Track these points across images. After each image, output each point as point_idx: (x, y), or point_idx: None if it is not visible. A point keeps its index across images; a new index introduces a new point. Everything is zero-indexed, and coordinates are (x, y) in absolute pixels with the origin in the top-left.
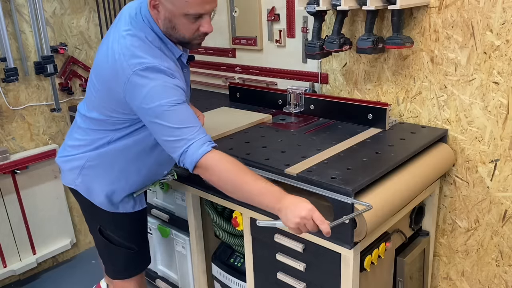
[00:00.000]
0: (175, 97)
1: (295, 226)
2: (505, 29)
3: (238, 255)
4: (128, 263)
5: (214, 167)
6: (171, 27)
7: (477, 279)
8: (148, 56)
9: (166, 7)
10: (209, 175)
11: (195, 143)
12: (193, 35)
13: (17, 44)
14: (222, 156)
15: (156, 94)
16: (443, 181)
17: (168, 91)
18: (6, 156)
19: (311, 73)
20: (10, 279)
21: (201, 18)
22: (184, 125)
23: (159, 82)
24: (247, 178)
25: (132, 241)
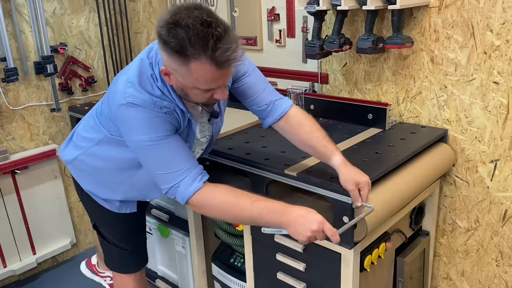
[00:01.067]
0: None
1: (306, 240)
2: (505, 29)
3: (238, 255)
4: (122, 261)
5: (208, 204)
6: (183, 94)
7: (477, 279)
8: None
9: (177, 79)
10: (205, 211)
11: (185, 179)
12: (207, 101)
13: (17, 44)
14: (214, 190)
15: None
16: (443, 181)
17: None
18: (6, 156)
19: (311, 73)
20: (10, 279)
21: (214, 90)
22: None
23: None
24: (243, 205)
25: (124, 242)
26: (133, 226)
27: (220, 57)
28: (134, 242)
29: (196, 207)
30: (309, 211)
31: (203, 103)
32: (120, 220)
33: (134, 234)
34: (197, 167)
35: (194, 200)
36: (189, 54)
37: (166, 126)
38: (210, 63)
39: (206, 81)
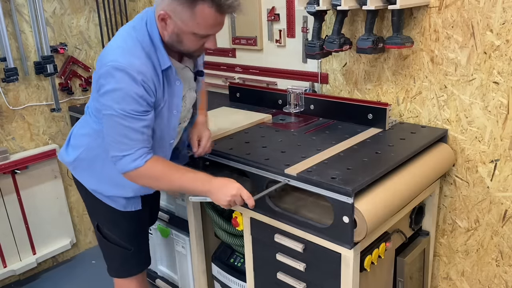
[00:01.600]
0: (130, 107)
1: (227, 203)
2: (505, 29)
3: (238, 255)
4: (124, 262)
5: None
6: (177, 41)
7: (477, 279)
8: (127, 55)
9: (176, 23)
10: (139, 183)
11: (131, 155)
12: (197, 49)
13: (17, 44)
14: (150, 166)
15: (114, 96)
16: (443, 181)
17: (126, 99)
18: (6, 156)
19: (311, 73)
20: (10, 279)
21: (208, 37)
22: (123, 138)
23: (123, 86)
24: (174, 177)
25: (128, 241)
26: (138, 225)
27: (225, 1)
28: (138, 242)
29: (132, 179)
30: (229, 180)
31: (194, 51)
32: (125, 219)
33: (138, 234)
34: (145, 148)
35: (132, 174)
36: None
37: (144, 104)
38: (215, 8)
39: (206, 26)
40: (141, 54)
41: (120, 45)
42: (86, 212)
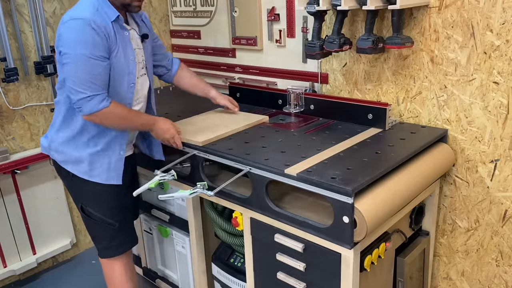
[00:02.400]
0: (89, 50)
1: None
2: (505, 29)
3: (238, 255)
4: (112, 239)
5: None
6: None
7: (477, 279)
8: (80, 11)
9: None
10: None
11: (98, 96)
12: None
13: (17, 44)
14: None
15: (73, 43)
16: (443, 181)
17: (84, 44)
18: (6, 156)
19: (311, 73)
20: (10, 279)
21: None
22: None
23: (79, 32)
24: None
25: (111, 217)
26: (119, 200)
27: None
28: (121, 217)
29: (100, 119)
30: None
31: (128, 2)
32: (106, 194)
33: (120, 209)
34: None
35: (100, 113)
36: None
37: (101, 48)
38: None
39: None
40: (91, 9)
41: (73, 9)
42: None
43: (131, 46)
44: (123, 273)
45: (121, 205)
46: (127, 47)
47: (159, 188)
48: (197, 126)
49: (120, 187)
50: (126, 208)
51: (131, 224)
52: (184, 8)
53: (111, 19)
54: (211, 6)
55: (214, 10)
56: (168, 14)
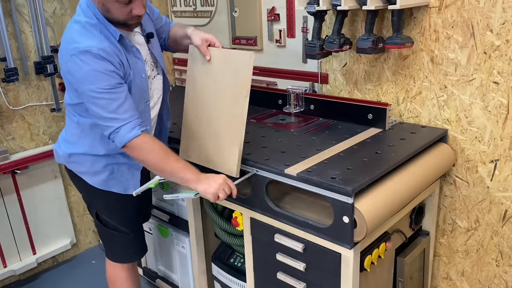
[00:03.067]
0: (106, 83)
1: (216, 192)
2: (505, 29)
3: (238, 255)
4: (125, 248)
5: (142, 149)
6: (105, 10)
7: (477, 279)
8: (85, 39)
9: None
10: (136, 155)
11: (126, 125)
12: (126, 17)
13: (17, 44)
14: (151, 140)
15: (88, 78)
16: (443, 181)
17: (99, 77)
18: (6, 156)
19: (311, 73)
20: (10, 279)
21: (132, 3)
22: (112, 113)
23: (91, 66)
24: (171, 158)
25: (126, 226)
26: (135, 209)
27: None
28: (135, 227)
29: (132, 150)
30: (213, 174)
31: (125, 19)
32: (122, 203)
33: (135, 219)
34: (138, 119)
35: (131, 144)
36: None
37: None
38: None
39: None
40: (95, 34)
41: (73, 35)
42: (86, 212)
43: (142, 60)
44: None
45: (136, 214)
46: (138, 64)
47: (159, 188)
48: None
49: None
50: (140, 215)
51: (143, 233)
52: (184, 8)
53: (116, 39)
54: (211, 6)
55: (214, 10)
56: (168, 14)
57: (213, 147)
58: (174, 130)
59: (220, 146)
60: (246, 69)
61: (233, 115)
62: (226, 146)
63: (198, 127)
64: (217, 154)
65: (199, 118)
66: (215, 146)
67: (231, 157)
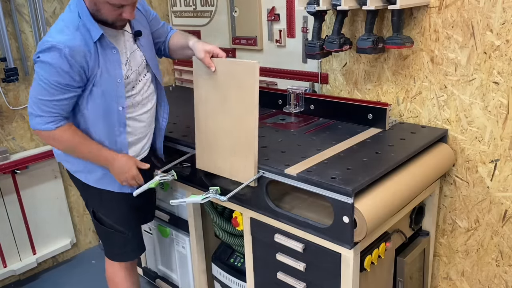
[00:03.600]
0: (54, 78)
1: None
2: (505, 29)
3: (238, 255)
4: (122, 246)
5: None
6: (96, 10)
7: (477, 279)
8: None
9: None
10: (52, 144)
11: (46, 117)
12: (115, 19)
13: (17, 44)
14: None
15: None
16: (443, 181)
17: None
18: (6, 156)
19: (311, 73)
20: (10, 279)
21: (123, 7)
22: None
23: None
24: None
25: (122, 225)
26: (132, 208)
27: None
28: (132, 226)
29: (42, 138)
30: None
31: (113, 21)
32: (119, 201)
33: (133, 217)
34: (60, 116)
35: (41, 133)
36: None
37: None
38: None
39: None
40: (71, 31)
41: (54, 27)
42: (86, 212)
43: (119, 65)
44: (125, 276)
45: (133, 213)
46: (114, 68)
47: (160, 188)
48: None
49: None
50: (138, 215)
51: (141, 231)
52: (184, 8)
53: (94, 39)
54: (211, 6)
55: (214, 10)
56: (168, 14)
57: (227, 159)
58: (173, 130)
59: (234, 159)
60: (252, 80)
61: (244, 127)
62: (240, 158)
63: (210, 139)
64: (232, 166)
65: (209, 130)
66: (228, 158)
67: (247, 170)
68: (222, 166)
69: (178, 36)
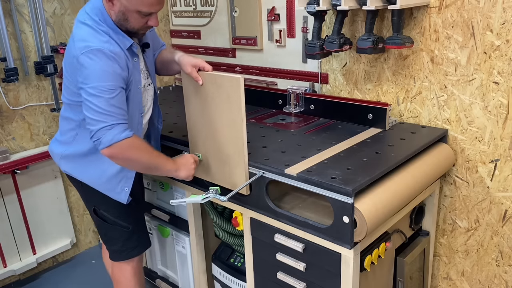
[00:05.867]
0: (111, 83)
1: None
2: (505, 29)
3: (238, 255)
4: (125, 242)
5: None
6: (123, 19)
7: (477, 279)
8: (95, 40)
9: (122, 2)
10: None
11: (120, 125)
12: (141, 27)
13: (17, 44)
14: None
15: (95, 75)
16: (443, 181)
17: (106, 76)
18: (6, 156)
19: (311, 73)
20: (10, 279)
21: (151, 15)
22: (111, 109)
23: (100, 64)
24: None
25: (125, 220)
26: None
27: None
28: (134, 220)
29: (120, 150)
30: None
31: (138, 29)
32: None
33: (134, 211)
34: (127, 123)
35: (121, 144)
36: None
37: (121, 79)
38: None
39: (148, 4)
40: (106, 37)
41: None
42: (86, 212)
43: (139, 72)
44: (132, 277)
45: (134, 207)
46: (137, 75)
47: (160, 187)
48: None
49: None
50: (139, 208)
51: (145, 226)
52: (184, 8)
53: (126, 47)
54: (211, 6)
55: (214, 10)
56: (168, 14)
57: (219, 168)
58: (173, 130)
59: (226, 167)
60: (237, 93)
61: (233, 137)
62: (231, 167)
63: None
64: (224, 174)
65: (201, 140)
66: (221, 167)
67: (238, 177)
68: (215, 175)
69: (165, 52)
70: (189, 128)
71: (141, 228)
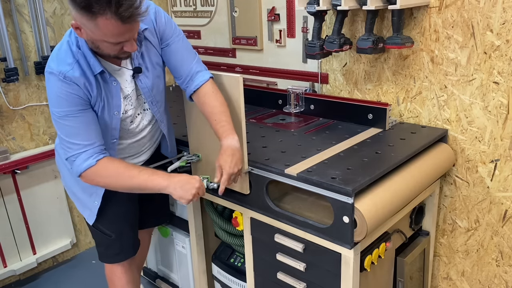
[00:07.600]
0: (66, 108)
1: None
2: (505, 29)
3: (238, 255)
4: (107, 248)
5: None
6: (95, 47)
7: (477, 279)
8: (56, 60)
9: (87, 32)
10: (96, 183)
11: (81, 155)
12: (117, 53)
13: (17, 44)
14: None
15: (51, 100)
16: (443, 181)
17: (60, 102)
18: (6, 156)
19: (311, 73)
20: (10, 279)
21: (123, 43)
22: (71, 138)
23: (54, 90)
24: (132, 173)
25: (107, 227)
26: (115, 212)
27: (124, 13)
28: (118, 229)
29: (88, 181)
30: (188, 176)
31: (115, 55)
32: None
33: (117, 221)
34: (97, 147)
35: (85, 174)
36: (94, 10)
37: (73, 101)
38: (115, 19)
39: (113, 35)
40: (71, 61)
41: (55, 52)
42: None
43: (119, 97)
44: (122, 276)
45: (120, 216)
46: (113, 100)
47: None
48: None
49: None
50: (126, 218)
51: (130, 235)
52: (184, 8)
53: (95, 73)
54: (211, 6)
55: (214, 10)
56: (168, 14)
57: None
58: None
59: None
60: (237, 93)
61: None
62: None
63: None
64: None
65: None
66: None
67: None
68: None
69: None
70: (189, 128)
71: (126, 236)
